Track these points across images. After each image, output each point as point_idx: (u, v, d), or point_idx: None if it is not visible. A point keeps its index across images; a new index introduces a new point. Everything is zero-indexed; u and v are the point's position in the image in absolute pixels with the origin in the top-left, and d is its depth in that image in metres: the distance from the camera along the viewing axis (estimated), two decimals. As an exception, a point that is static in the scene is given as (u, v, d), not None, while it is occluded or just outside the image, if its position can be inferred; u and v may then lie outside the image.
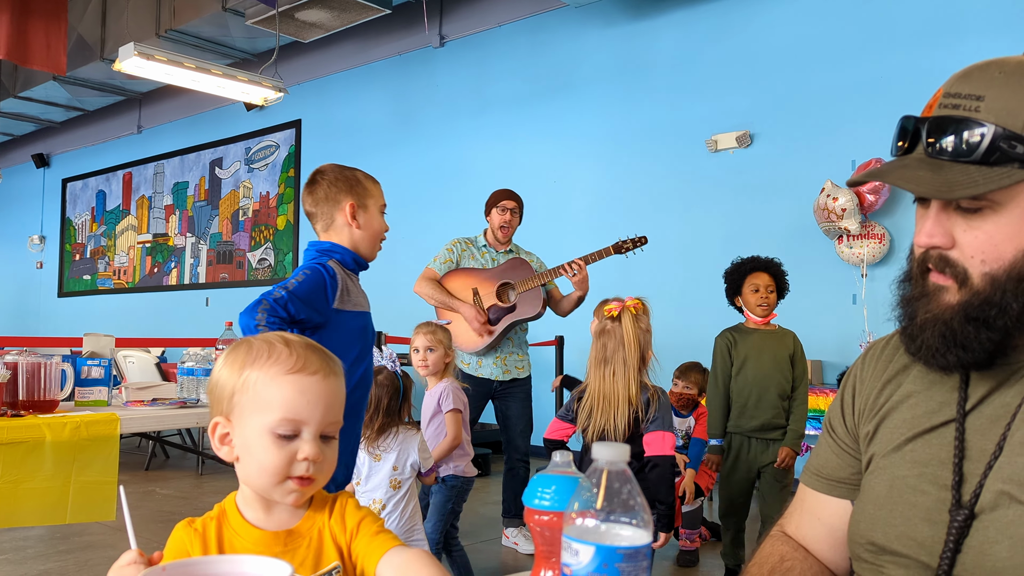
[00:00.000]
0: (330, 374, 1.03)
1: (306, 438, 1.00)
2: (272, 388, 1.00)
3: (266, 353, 1.02)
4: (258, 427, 1.00)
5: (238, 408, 1.02)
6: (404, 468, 2.76)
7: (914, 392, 1.03)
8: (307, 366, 1.01)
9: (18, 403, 2.50)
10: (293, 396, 1.00)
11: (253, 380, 1.01)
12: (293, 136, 9.09)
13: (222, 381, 1.04)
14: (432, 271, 4.10)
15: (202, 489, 5.59)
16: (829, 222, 5.18)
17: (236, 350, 1.05)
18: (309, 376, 1.01)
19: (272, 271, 9.21)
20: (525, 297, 4.02)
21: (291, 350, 1.02)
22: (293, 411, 0.99)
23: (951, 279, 0.92)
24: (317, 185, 2.26)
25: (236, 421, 1.03)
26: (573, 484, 0.84)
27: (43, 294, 12.53)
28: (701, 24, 6.18)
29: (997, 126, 0.87)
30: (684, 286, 6.03)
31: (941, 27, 5.13)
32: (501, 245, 4.21)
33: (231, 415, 1.03)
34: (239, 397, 1.02)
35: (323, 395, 1.01)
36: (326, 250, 2.22)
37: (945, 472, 0.95)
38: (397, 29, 7.89)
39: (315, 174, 2.30)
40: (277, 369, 1.01)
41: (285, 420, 0.99)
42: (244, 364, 1.03)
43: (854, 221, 5.09)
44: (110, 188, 11.60)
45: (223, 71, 5.58)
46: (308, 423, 1.00)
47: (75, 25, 8.47)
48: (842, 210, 5.08)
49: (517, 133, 7.20)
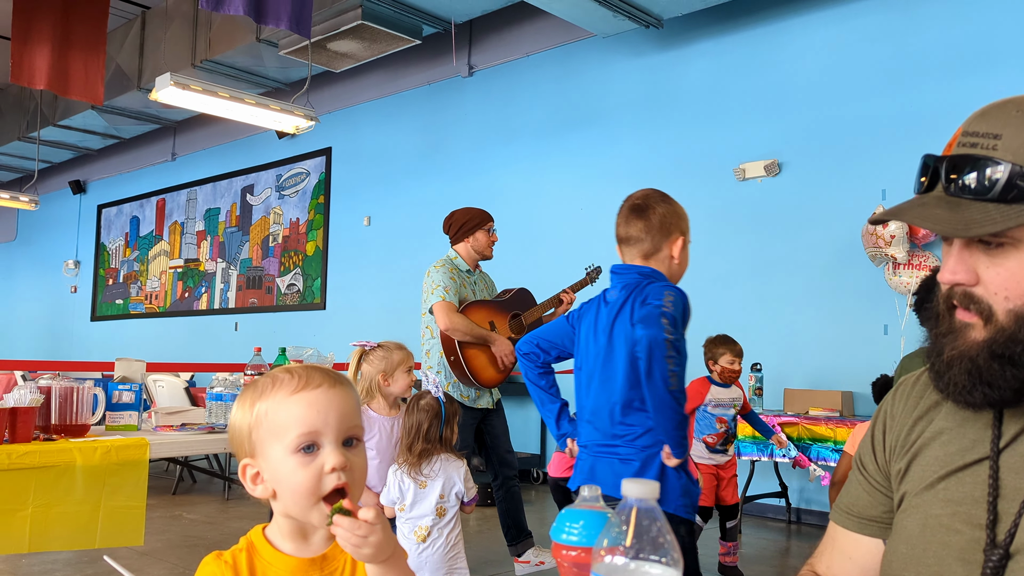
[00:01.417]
0: (336, 383, 1.06)
1: (328, 448, 1.02)
2: (282, 412, 1.03)
3: (270, 384, 1.06)
4: (280, 453, 1.02)
5: (259, 444, 1.05)
6: (449, 496, 2.74)
7: (946, 429, 1.01)
8: (310, 382, 1.05)
9: (50, 427, 2.53)
10: (303, 411, 1.03)
11: (264, 411, 1.04)
12: (323, 163, 9.21)
13: (238, 423, 1.08)
14: (452, 304, 3.86)
15: (228, 514, 5.60)
16: (876, 248, 5.10)
17: (244, 394, 1.10)
18: (313, 390, 1.04)
19: (301, 296, 9.29)
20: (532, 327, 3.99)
21: (292, 374, 1.06)
22: (307, 424, 1.02)
23: (976, 316, 0.92)
24: (651, 212, 2.24)
25: (260, 457, 1.05)
26: (602, 520, 0.84)
27: (76, 318, 12.73)
28: (729, 54, 6.19)
29: (1014, 164, 0.87)
30: (713, 314, 5.99)
31: (971, 58, 5.10)
32: (476, 267, 4.10)
33: (254, 453, 1.06)
34: (256, 433, 1.05)
35: (332, 402, 1.04)
36: (655, 275, 2.21)
37: (979, 511, 0.93)
38: (426, 59, 7.99)
39: (644, 199, 2.27)
40: (283, 394, 1.04)
41: (301, 435, 1.02)
42: (253, 401, 1.06)
43: (902, 249, 5.00)
44: (144, 214, 11.80)
45: (256, 100, 5.68)
46: (324, 432, 1.02)
47: (114, 56, 8.68)
48: (891, 236, 4.99)
49: (545, 162, 7.23)
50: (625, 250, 2.27)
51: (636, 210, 2.25)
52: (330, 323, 8.91)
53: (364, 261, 8.64)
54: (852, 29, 5.62)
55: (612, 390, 2.19)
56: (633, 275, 2.21)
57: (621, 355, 2.17)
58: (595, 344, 2.25)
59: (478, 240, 4.03)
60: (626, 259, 2.27)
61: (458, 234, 4.06)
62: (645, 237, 2.22)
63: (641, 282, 2.18)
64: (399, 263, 8.25)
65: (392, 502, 2.75)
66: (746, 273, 5.90)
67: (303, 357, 3.36)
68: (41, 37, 6.26)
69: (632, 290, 2.19)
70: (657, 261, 2.23)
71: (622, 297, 2.20)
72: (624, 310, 2.19)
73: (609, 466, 2.17)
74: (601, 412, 2.21)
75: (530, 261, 6.76)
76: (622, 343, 2.17)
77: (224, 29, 7.58)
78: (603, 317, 2.25)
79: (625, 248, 2.27)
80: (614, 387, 2.18)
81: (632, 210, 2.26)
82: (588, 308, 2.34)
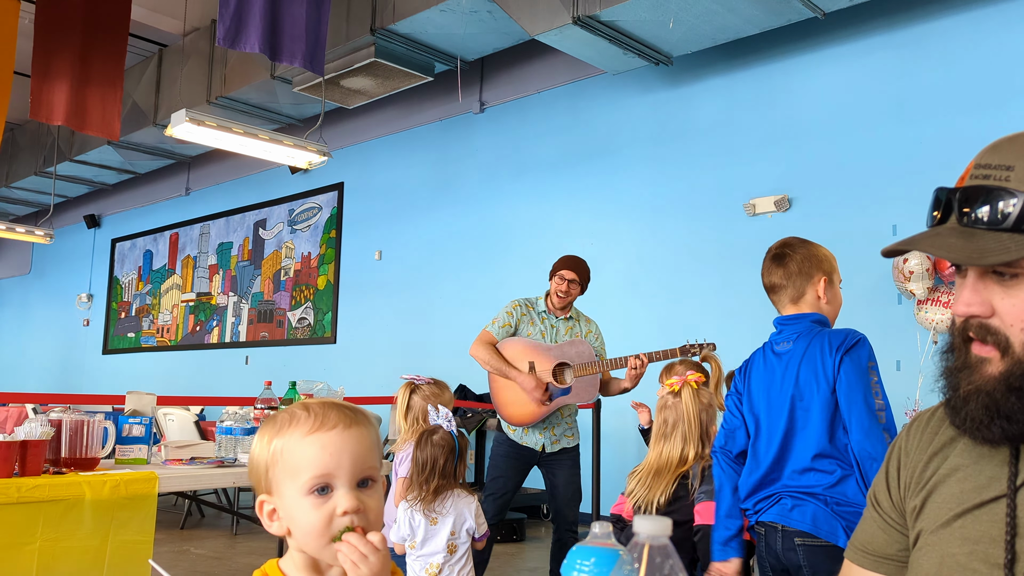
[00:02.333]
0: (352, 424, 1.06)
1: (341, 491, 1.03)
2: (297, 452, 1.04)
3: (288, 422, 1.06)
4: (294, 492, 1.03)
5: (275, 481, 1.06)
6: (460, 532, 2.72)
7: (962, 466, 1.00)
8: (325, 423, 1.05)
9: (60, 460, 2.53)
10: (316, 454, 1.03)
11: (280, 449, 1.05)
12: (335, 198, 9.28)
13: (256, 459, 1.08)
14: (490, 335, 3.92)
15: (236, 549, 5.57)
16: (900, 282, 5.09)
17: (264, 427, 1.10)
18: (328, 431, 1.04)
19: (311, 330, 9.30)
20: (581, 382, 3.89)
21: (309, 412, 1.06)
22: (319, 467, 1.02)
23: (993, 347, 0.91)
24: (788, 258, 2.32)
25: (276, 494, 1.06)
26: (613, 557, 0.83)
27: (88, 351, 12.78)
28: (738, 91, 6.24)
29: None
30: (722, 350, 5.96)
31: (981, 94, 5.12)
32: (560, 312, 4.06)
33: (271, 490, 1.06)
34: (272, 471, 1.06)
35: (346, 446, 1.04)
36: (824, 322, 2.27)
37: (997, 550, 0.92)
38: (438, 96, 8.08)
39: (782, 248, 2.36)
40: (299, 433, 1.04)
41: (314, 478, 1.02)
42: (271, 438, 1.07)
43: (921, 285, 4.97)
44: (157, 248, 11.89)
45: (270, 136, 5.74)
46: (337, 475, 1.03)
47: (130, 92, 8.82)
48: (910, 272, 4.97)
49: (556, 197, 7.27)
50: (775, 299, 2.36)
51: (776, 259, 2.35)
52: (341, 357, 8.91)
53: (375, 295, 8.66)
54: (861, 65, 5.66)
55: (806, 439, 2.16)
56: (805, 323, 2.26)
57: (814, 404, 2.16)
58: (779, 396, 2.23)
59: (552, 285, 4.08)
60: (779, 308, 2.35)
61: (550, 276, 4.14)
62: (787, 283, 2.31)
63: (814, 328, 2.24)
64: (410, 297, 8.26)
65: (402, 539, 2.72)
66: (757, 308, 5.87)
67: (313, 391, 3.36)
68: (60, 74, 6.37)
69: (810, 337, 2.22)
70: (806, 304, 2.29)
71: (801, 346, 2.23)
72: (809, 358, 2.19)
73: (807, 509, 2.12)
74: (787, 463, 2.18)
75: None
76: (814, 392, 2.16)
77: (239, 66, 7.70)
78: (781, 368, 2.26)
79: (774, 297, 2.36)
80: (808, 436, 2.16)
81: (773, 259, 2.36)
82: (754, 364, 2.37)
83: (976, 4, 5.21)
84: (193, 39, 8.29)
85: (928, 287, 5.01)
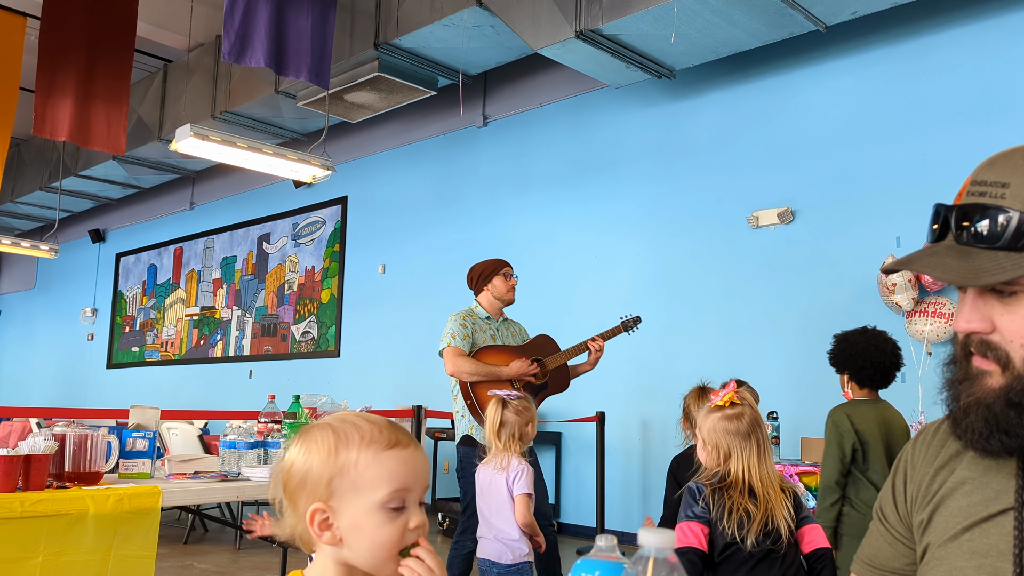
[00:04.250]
0: (418, 445, 1.11)
1: (413, 508, 1.06)
2: (376, 466, 1.05)
3: (357, 435, 1.07)
4: (367, 506, 1.04)
5: (339, 492, 1.06)
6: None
7: (969, 478, 0.99)
8: (400, 440, 1.08)
9: (64, 474, 2.53)
10: (398, 469, 1.06)
11: (354, 462, 1.05)
12: (339, 212, 9.30)
13: (315, 468, 1.07)
14: (460, 349, 3.96)
15: (239, 564, 5.54)
16: (885, 296, 5.14)
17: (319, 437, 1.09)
18: (404, 448, 1.08)
19: (315, 344, 9.30)
20: (556, 373, 4.03)
21: (379, 428, 1.09)
22: (401, 482, 1.05)
23: (994, 363, 0.91)
24: None
25: (338, 505, 1.06)
26: (618, 570, 0.82)
27: (92, 365, 12.79)
28: (741, 104, 6.25)
29: (1022, 212, 0.87)
30: (727, 362, 5.95)
31: (985, 106, 5.12)
32: (499, 314, 4.17)
33: (328, 499, 1.06)
34: (339, 481, 1.06)
35: (421, 464, 1.09)
36: None
37: (1005, 564, 0.91)
38: (442, 110, 8.11)
39: None
40: (376, 447, 1.06)
41: (395, 492, 1.05)
42: (337, 448, 1.07)
43: (906, 297, 5.02)
44: (161, 262, 11.92)
45: (274, 150, 5.77)
46: (413, 491, 1.06)
47: (135, 108, 8.86)
48: (892, 284, 5.03)
49: (559, 211, 7.28)
50: None
51: None
52: (344, 371, 8.90)
53: (379, 309, 8.66)
54: (863, 78, 5.67)
55: None
56: None
57: None
58: None
59: (496, 287, 4.10)
60: None
61: (478, 284, 4.17)
62: None
63: None
64: (414, 311, 8.26)
65: None
66: (761, 321, 5.87)
67: (317, 405, 3.35)
68: (65, 90, 6.41)
69: None
70: None
71: None
72: None
73: None
74: None
75: (543, 309, 6.76)
76: None
77: (243, 81, 7.74)
78: None
79: None
80: None
81: None
82: None
83: (977, 17, 5.23)
84: (198, 55, 8.34)
85: (913, 298, 5.04)
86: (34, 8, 6.91)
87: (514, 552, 3.06)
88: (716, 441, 2.16)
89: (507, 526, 3.07)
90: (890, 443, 3.11)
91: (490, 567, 3.10)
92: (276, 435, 3.20)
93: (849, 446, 3.10)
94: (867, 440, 3.10)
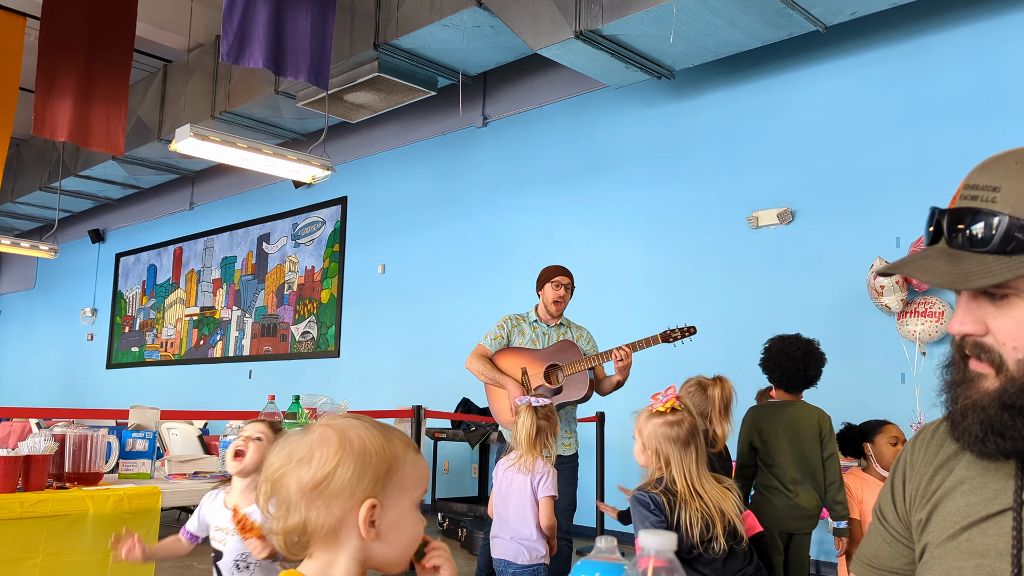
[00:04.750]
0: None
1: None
2: (414, 466, 1.11)
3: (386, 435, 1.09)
4: (408, 504, 1.09)
5: (392, 487, 1.06)
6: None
7: (967, 478, 1.00)
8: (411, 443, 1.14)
9: (64, 475, 2.53)
10: (425, 473, 1.13)
11: (402, 459, 1.09)
12: (339, 212, 9.30)
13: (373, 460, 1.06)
14: (484, 348, 4.13)
15: (239, 564, 5.54)
16: (875, 298, 5.15)
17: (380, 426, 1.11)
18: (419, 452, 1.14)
19: (315, 344, 9.30)
20: (572, 380, 4.01)
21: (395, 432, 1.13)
22: (426, 484, 1.13)
23: (988, 365, 0.92)
24: None
25: (387, 502, 1.06)
26: (618, 572, 0.82)
27: (92, 366, 12.79)
28: (741, 104, 6.25)
29: (1012, 216, 0.87)
30: (726, 362, 5.95)
31: (984, 106, 5.13)
32: (553, 319, 4.22)
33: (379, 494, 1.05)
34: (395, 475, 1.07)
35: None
36: None
37: (1003, 564, 0.92)
38: (441, 110, 8.11)
39: None
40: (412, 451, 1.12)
41: (422, 494, 1.12)
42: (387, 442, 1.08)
43: (895, 299, 5.04)
44: (161, 262, 11.92)
45: (274, 150, 5.76)
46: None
47: (135, 108, 8.86)
48: (881, 287, 5.05)
49: (558, 211, 7.28)
50: None
51: None
52: (344, 371, 8.90)
53: (378, 309, 8.66)
54: (863, 78, 5.67)
55: None
56: None
57: None
58: None
59: (545, 294, 4.22)
60: None
61: (537, 288, 4.30)
62: None
63: None
64: (413, 311, 8.27)
65: None
66: (759, 321, 5.87)
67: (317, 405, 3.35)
68: (64, 91, 6.41)
69: None
70: None
71: None
72: None
73: None
74: None
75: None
76: None
77: (243, 82, 7.74)
78: None
79: None
80: None
81: None
82: None
83: (976, 17, 5.23)
84: (197, 55, 8.34)
85: (902, 299, 5.05)
86: (34, 8, 6.91)
87: (531, 553, 3.07)
88: (656, 447, 2.23)
89: (524, 527, 3.08)
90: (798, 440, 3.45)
91: (506, 567, 3.10)
92: (276, 435, 3.20)
93: (747, 444, 3.54)
94: (768, 439, 3.48)
